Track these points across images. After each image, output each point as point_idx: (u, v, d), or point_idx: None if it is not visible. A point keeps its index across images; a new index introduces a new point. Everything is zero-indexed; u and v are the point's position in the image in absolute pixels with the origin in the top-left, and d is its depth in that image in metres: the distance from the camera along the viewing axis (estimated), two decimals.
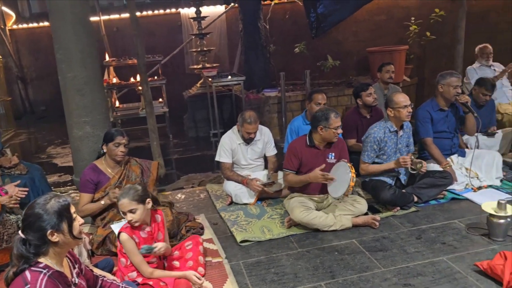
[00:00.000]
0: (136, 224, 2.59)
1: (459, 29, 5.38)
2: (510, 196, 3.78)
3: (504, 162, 4.30)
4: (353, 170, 3.25)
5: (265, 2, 6.73)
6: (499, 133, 4.66)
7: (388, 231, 3.36)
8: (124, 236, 2.57)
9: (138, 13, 5.67)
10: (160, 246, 2.62)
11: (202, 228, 3.53)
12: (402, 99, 3.63)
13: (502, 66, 5.58)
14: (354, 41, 7.26)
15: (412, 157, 3.67)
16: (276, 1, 6.80)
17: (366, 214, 3.54)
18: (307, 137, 3.57)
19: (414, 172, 3.63)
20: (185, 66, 8.75)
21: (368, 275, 2.80)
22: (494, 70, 5.55)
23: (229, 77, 6.67)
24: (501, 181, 4.08)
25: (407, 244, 3.13)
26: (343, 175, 3.31)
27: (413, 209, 3.68)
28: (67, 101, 3.76)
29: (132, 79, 7.14)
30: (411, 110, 3.66)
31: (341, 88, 6.48)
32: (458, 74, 4.17)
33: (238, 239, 3.35)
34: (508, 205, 3.06)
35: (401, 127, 3.75)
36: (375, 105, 4.48)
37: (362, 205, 3.52)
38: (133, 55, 6.59)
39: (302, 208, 3.40)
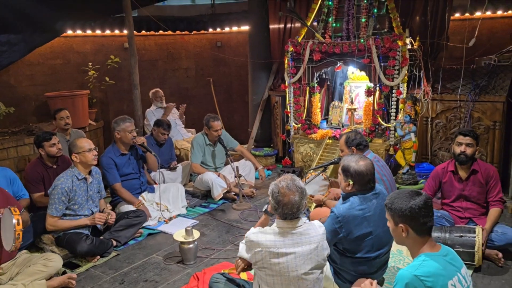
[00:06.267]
0: None
1: (133, 75, 5.82)
2: (195, 220, 4.34)
3: (187, 191, 4.90)
4: (17, 213, 2.87)
5: None
6: (180, 167, 5.29)
7: (90, 284, 3.20)
8: None
9: None
10: None
11: None
12: (86, 143, 3.62)
13: (175, 108, 6.38)
14: (30, 86, 6.68)
15: (109, 211, 3.73)
16: None
17: (64, 272, 3.27)
18: None
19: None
20: None
21: None
22: None
23: None
24: (186, 208, 4.62)
25: None
26: (10, 222, 2.87)
27: (113, 254, 3.66)
28: None
29: None
30: (96, 153, 3.67)
31: (21, 137, 5.82)
32: (130, 118, 4.41)
33: None
34: (194, 230, 3.49)
35: (90, 173, 3.70)
36: (60, 155, 4.24)
37: (55, 261, 3.18)
38: None
39: None
